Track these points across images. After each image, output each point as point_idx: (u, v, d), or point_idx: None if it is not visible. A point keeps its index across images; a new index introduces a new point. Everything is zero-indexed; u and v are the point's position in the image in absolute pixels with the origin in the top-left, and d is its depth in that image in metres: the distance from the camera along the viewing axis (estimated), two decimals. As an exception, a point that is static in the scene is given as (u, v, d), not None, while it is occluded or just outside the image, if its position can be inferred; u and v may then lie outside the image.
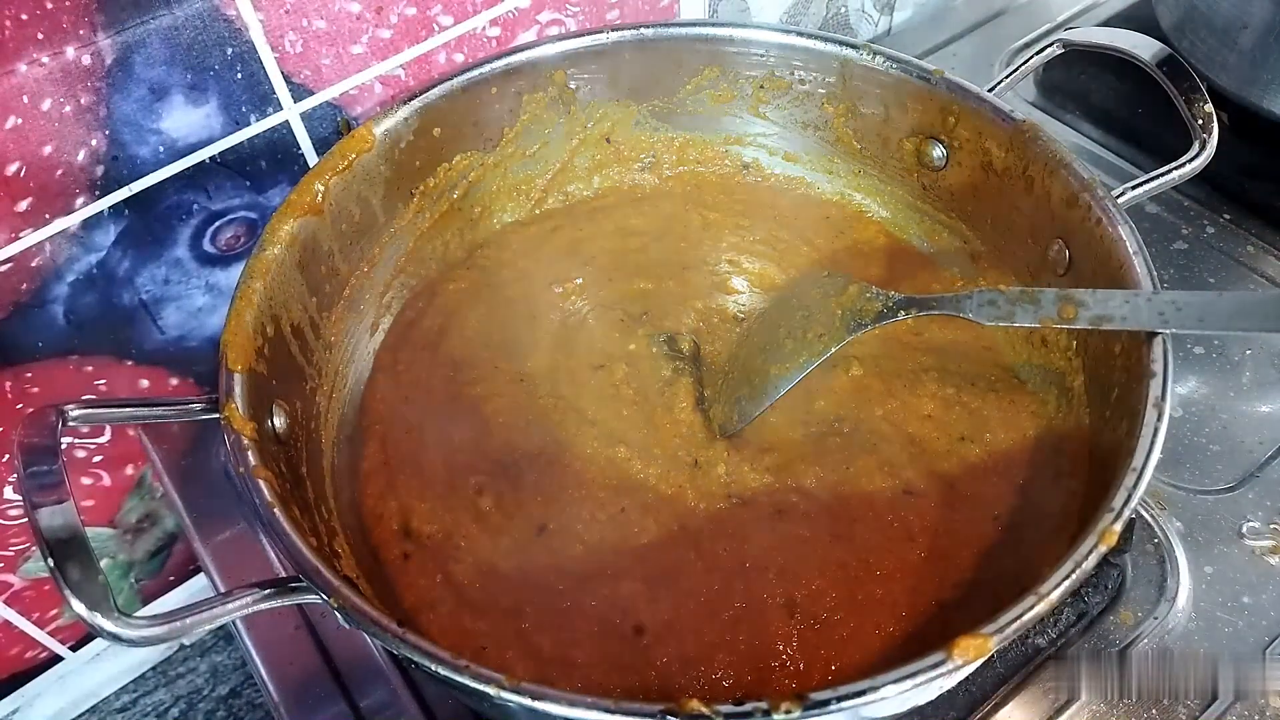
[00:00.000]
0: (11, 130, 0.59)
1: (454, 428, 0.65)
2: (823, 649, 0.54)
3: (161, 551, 0.86)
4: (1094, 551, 0.44)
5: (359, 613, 0.44)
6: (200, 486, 0.74)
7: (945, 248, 0.75)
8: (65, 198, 0.63)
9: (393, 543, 0.59)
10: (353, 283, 0.68)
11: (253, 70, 0.66)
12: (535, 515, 0.60)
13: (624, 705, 0.41)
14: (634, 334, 0.69)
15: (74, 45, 0.58)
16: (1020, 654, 0.60)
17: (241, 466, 0.50)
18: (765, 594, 0.55)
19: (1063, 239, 0.63)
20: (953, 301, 0.58)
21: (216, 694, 0.89)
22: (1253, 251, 0.82)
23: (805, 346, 0.61)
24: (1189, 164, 0.62)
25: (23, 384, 0.68)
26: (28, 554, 0.77)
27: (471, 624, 0.55)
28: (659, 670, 0.53)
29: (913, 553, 0.57)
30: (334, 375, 0.66)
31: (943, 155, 0.71)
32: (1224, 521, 0.65)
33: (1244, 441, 0.70)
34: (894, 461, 0.62)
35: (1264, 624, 0.61)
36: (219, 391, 0.52)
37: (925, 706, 0.56)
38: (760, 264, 0.75)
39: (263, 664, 0.64)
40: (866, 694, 0.41)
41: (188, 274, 0.73)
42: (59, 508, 0.44)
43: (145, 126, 0.64)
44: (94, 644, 0.87)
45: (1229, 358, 0.75)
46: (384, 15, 0.70)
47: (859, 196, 0.79)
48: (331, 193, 0.64)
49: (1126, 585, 0.63)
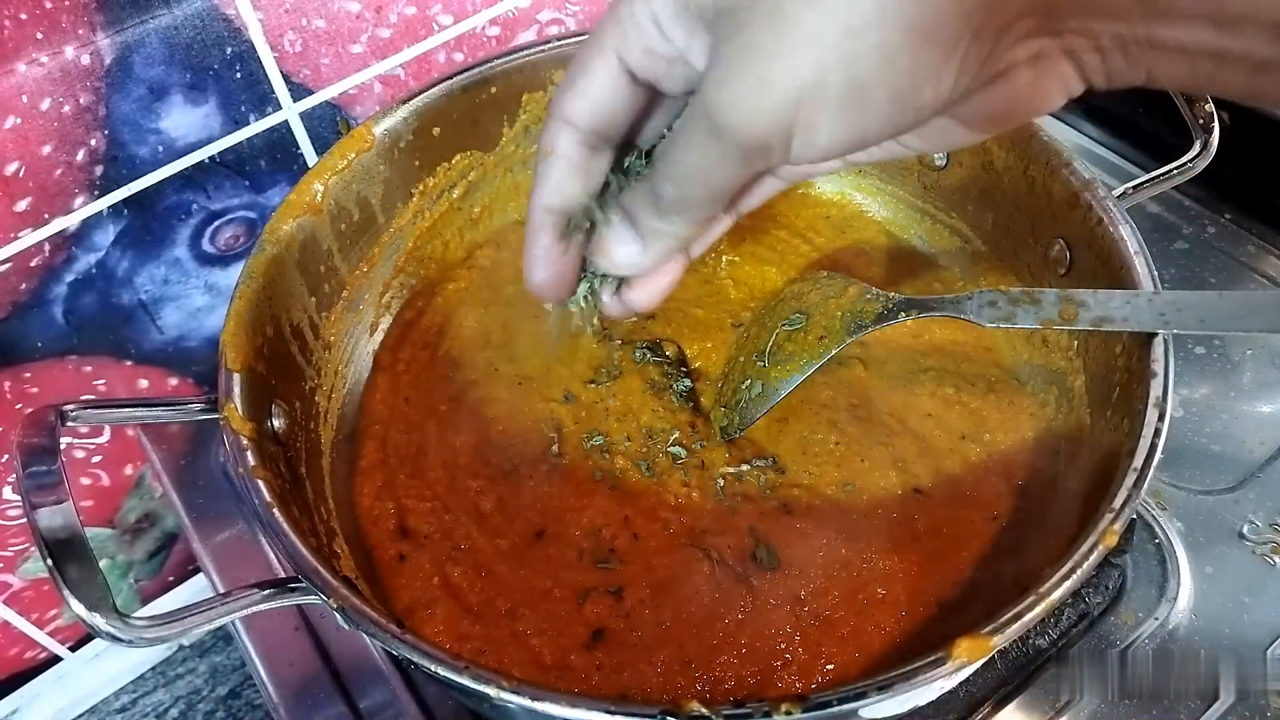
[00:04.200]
0: (11, 130, 0.59)
1: (453, 429, 0.65)
2: (824, 647, 0.54)
3: (161, 552, 0.86)
4: (1094, 552, 0.44)
5: (358, 613, 0.44)
6: (199, 486, 0.74)
7: (946, 248, 0.75)
8: (64, 197, 0.63)
9: (389, 543, 0.59)
10: (352, 283, 0.68)
11: (252, 70, 0.66)
12: (534, 519, 0.60)
13: (624, 706, 0.41)
14: (633, 336, 0.69)
15: (73, 45, 0.58)
16: (1021, 654, 0.60)
17: (241, 467, 0.50)
18: (770, 594, 0.55)
19: (1063, 239, 0.63)
20: (953, 303, 0.58)
21: (216, 694, 0.89)
22: (1254, 251, 0.81)
23: (806, 349, 0.61)
24: (1190, 164, 0.62)
25: (22, 384, 0.68)
26: (27, 554, 0.77)
27: (469, 627, 0.55)
28: (660, 671, 0.53)
29: (915, 552, 0.57)
30: (333, 375, 0.66)
31: (943, 155, 0.71)
32: (1224, 521, 0.65)
33: (1244, 442, 0.70)
34: (897, 461, 0.62)
35: (1265, 624, 0.61)
36: (218, 391, 0.52)
37: (925, 706, 0.56)
38: (760, 265, 0.74)
39: (262, 664, 0.64)
40: (867, 694, 0.41)
41: (187, 274, 0.73)
42: (58, 508, 0.44)
43: (144, 126, 0.64)
44: (93, 644, 0.87)
45: (1230, 358, 0.75)
46: (383, 14, 0.70)
47: (859, 196, 0.79)
48: (331, 192, 0.64)
49: (1127, 586, 0.63)
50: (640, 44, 0.37)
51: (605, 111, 0.40)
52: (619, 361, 0.67)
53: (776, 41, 0.31)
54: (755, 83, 0.32)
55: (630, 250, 0.42)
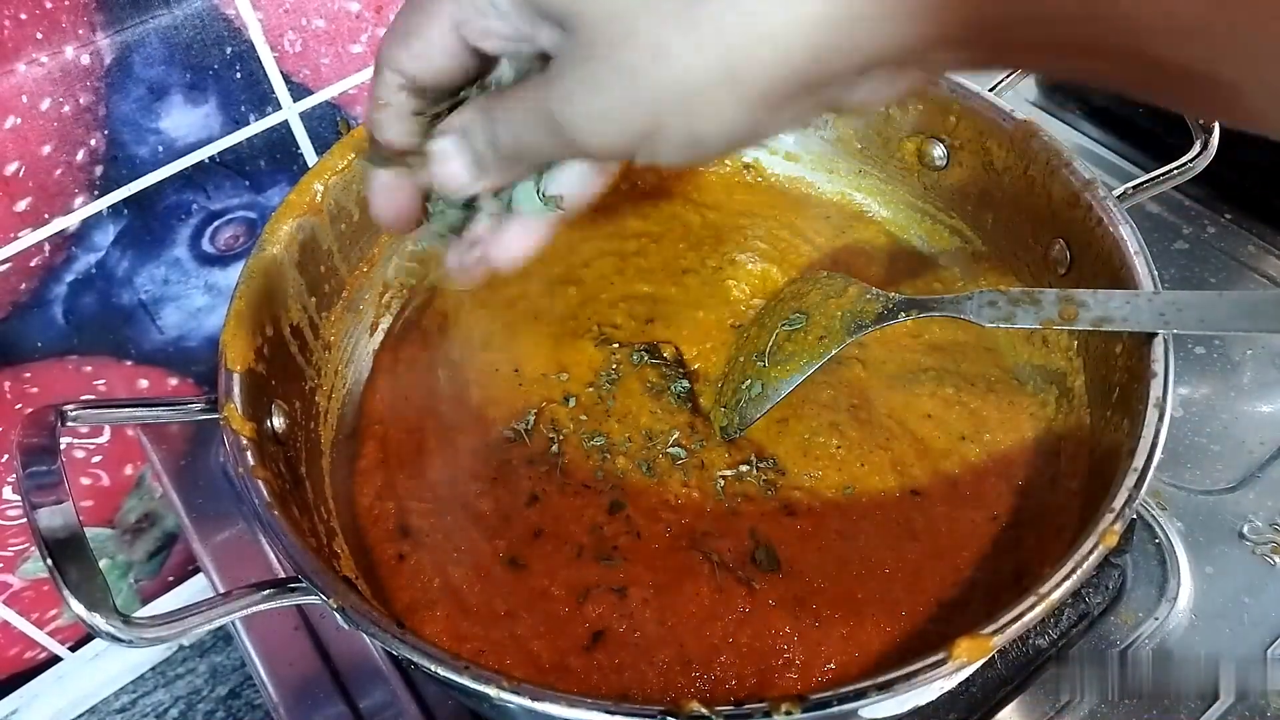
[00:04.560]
0: (11, 130, 0.59)
1: (453, 429, 0.65)
2: (824, 647, 0.53)
3: (161, 552, 0.86)
4: (1094, 552, 0.44)
5: (359, 613, 0.44)
6: (200, 486, 0.74)
7: (946, 248, 0.75)
8: (64, 197, 0.63)
9: (389, 543, 0.59)
10: (352, 283, 0.68)
11: (252, 69, 0.66)
12: (534, 520, 0.60)
13: (624, 706, 0.41)
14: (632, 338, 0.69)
15: (73, 45, 0.58)
16: (1021, 654, 0.60)
17: (240, 467, 0.50)
18: (770, 595, 0.55)
19: (1064, 239, 0.63)
20: (953, 303, 0.58)
21: (216, 694, 0.89)
22: (1254, 251, 0.81)
23: (806, 349, 0.61)
24: (1190, 164, 0.62)
25: (22, 384, 0.68)
26: (27, 554, 0.77)
27: (469, 627, 0.55)
28: (660, 671, 0.53)
29: (915, 551, 0.57)
30: (333, 375, 0.66)
31: (944, 155, 0.71)
32: (1224, 521, 0.65)
33: (1244, 441, 0.70)
34: (896, 461, 0.62)
35: (1265, 624, 0.61)
36: (218, 391, 0.52)
37: (925, 706, 0.56)
38: (760, 264, 0.74)
39: (262, 664, 0.64)
40: (867, 695, 0.41)
41: (187, 274, 0.73)
42: (58, 508, 0.44)
43: (144, 126, 0.64)
44: (93, 644, 0.87)
45: (1230, 358, 0.75)
46: (384, 14, 0.70)
47: (860, 196, 0.79)
48: (331, 192, 0.64)
49: (1127, 586, 0.63)
50: (480, 24, 0.36)
51: (439, 72, 0.39)
52: (618, 364, 0.67)
53: (625, 83, 0.32)
54: (600, 115, 0.33)
55: (456, 170, 0.40)
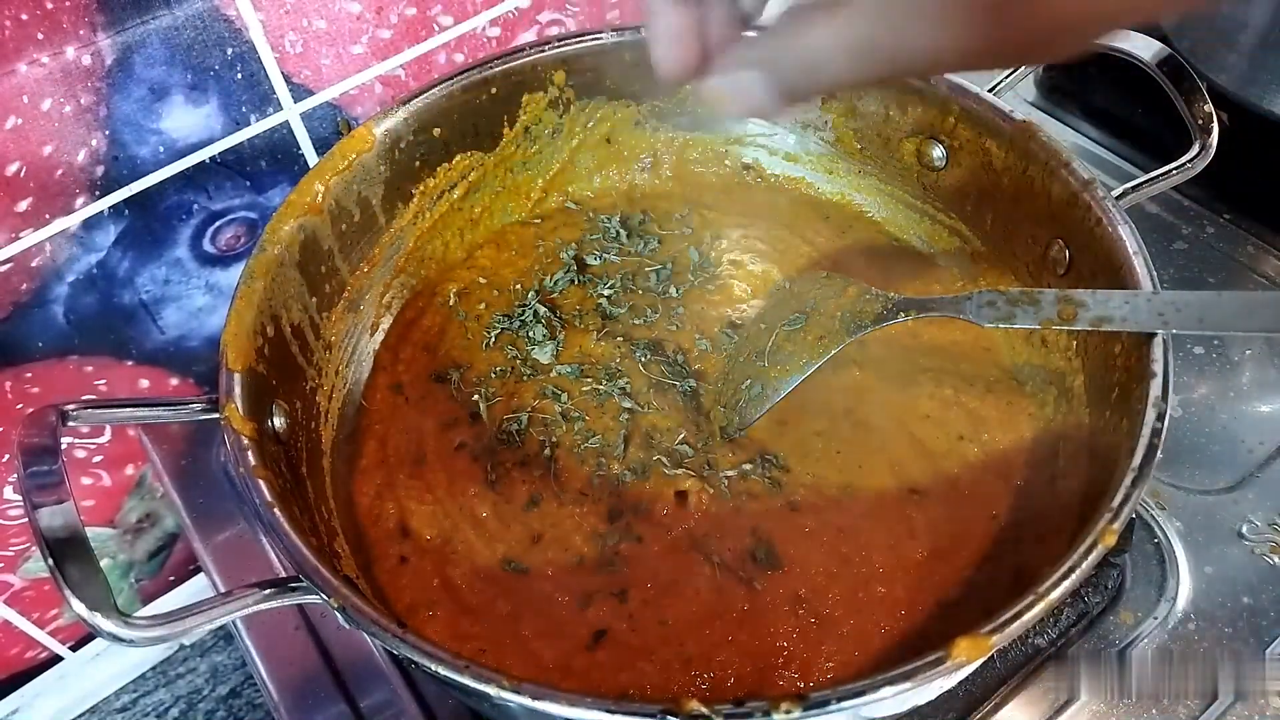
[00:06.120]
0: (11, 130, 0.59)
1: (453, 430, 0.65)
2: (824, 646, 0.54)
3: (161, 551, 0.87)
4: (1093, 551, 0.44)
5: (359, 613, 0.44)
6: (200, 486, 0.74)
7: (945, 248, 0.75)
8: (65, 198, 0.63)
9: (389, 543, 0.59)
10: (352, 283, 0.68)
11: (253, 70, 0.67)
12: (533, 521, 0.60)
13: (624, 705, 0.41)
14: (632, 338, 0.69)
15: (74, 45, 0.58)
16: (1020, 654, 0.60)
17: (241, 466, 0.50)
18: (770, 594, 0.56)
19: (1063, 239, 0.63)
20: (952, 303, 0.58)
21: (216, 694, 0.90)
22: (1253, 251, 0.82)
23: (805, 349, 0.61)
24: (1189, 164, 0.62)
25: (23, 384, 0.68)
26: (28, 554, 0.77)
27: (469, 628, 0.55)
28: (660, 670, 0.53)
29: (914, 551, 0.57)
30: (334, 375, 0.66)
31: (943, 155, 0.71)
32: (1224, 521, 0.65)
33: (1244, 441, 0.70)
34: (897, 461, 0.62)
35: (1264, 624, 0.61)
36: (219, 391, 0.52)
37: (925, 706, 0.56)
38: (760, 265, 0.75)
39: (263, 664, 0.64)
40: (866, 694, 0.41)
41: (188, 274, 0.73)
42: (59, 508, 0.44)
43: (145, 126, 0.64)
44: (94, 644, 0.87)
45: (1229, 358, 0.75)
46: (384, 15, 0.70)
47: (859, 197, 0.79)
48: (331, 193, 0.64)
49: (1126, 585, 0.63)
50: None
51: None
52: (621, 361, 0.67)
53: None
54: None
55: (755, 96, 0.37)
